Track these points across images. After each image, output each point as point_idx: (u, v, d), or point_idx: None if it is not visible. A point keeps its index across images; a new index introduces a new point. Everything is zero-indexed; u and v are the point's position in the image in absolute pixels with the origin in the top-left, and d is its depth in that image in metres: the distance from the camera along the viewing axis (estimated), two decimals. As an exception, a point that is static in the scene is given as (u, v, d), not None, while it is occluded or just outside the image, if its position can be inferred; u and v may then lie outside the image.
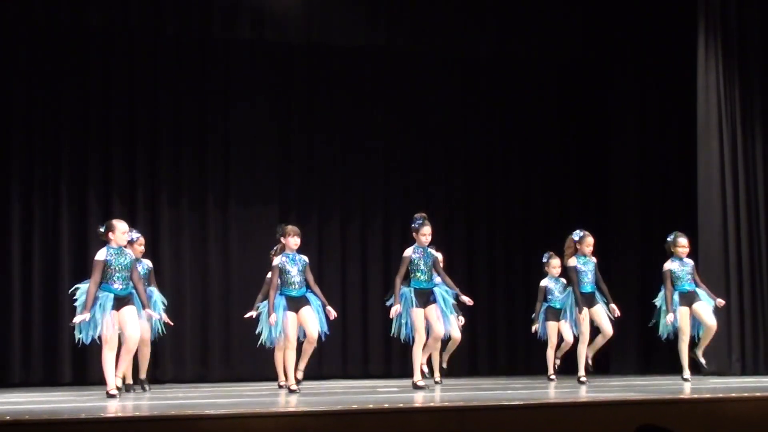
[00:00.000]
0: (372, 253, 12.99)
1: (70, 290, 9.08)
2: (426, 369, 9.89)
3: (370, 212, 13.11)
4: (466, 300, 9.73)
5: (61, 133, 11.80)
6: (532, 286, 11.30)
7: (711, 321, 10.17)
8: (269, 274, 9.72)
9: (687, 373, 10.18)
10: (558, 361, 10.91)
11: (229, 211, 12.47)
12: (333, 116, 12.95)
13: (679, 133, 12.87)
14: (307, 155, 12.87)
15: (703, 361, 10.33)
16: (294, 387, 8.98)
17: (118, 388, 8.67)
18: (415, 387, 9.33)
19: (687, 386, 9.53)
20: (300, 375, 9.35)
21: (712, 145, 11.80)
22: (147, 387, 9.87)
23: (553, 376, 10.72)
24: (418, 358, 9.49)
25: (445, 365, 10.79)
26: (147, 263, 9.90)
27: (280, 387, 9.93)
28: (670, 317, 10.13)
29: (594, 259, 10.32)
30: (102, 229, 8.86)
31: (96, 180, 11.89)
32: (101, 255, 8.68)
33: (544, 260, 10.93)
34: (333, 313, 9.24)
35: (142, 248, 9.85)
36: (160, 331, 9.76)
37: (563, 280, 10.76)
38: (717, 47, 11.83)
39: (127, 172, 12.06)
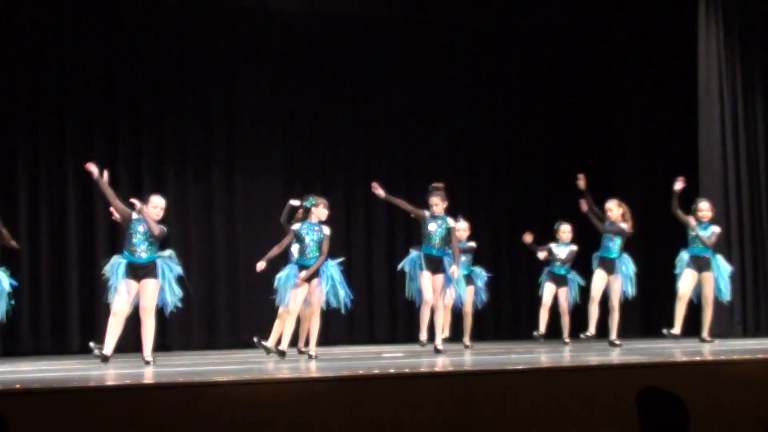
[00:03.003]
0: (376, 220, 12.97)
1: (104, 270, 8.95)
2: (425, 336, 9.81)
3: (374, 180, 13.06)
4: (454, 270, 9.65)
5: (66, 105, 11.75)
6: (534, 254, 11.31)
7: (710, 294, 10.31)
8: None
9: (677, 330, 10.25)
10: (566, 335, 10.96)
11: (234, 181, 12.44)
12: (336, 85, 12.89)
13: (681, 98, 12.81)
14: (311, 124, 12.83)
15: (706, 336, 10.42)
16: (283, 349, 8.95)
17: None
18: (437, 351, 9.37)
19: (681, 347, 9.54)
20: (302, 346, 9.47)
21: (713, 109, 11.77)
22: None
23: (537, 333, 10.73)
24: (425, 319, 9.51)
25: (468, 342, 10.85)
26: None
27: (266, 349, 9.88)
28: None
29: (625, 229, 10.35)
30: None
31: (101, 151, 11.82)
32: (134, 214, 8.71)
33: (555, 227, 10.93)
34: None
35: None
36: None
37: (574, 248, 10.79)
38: (717, 13, 11.77)
39: (131, 144, 12.02)
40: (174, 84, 12.22)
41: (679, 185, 10.30)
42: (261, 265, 9.13)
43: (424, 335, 9.53)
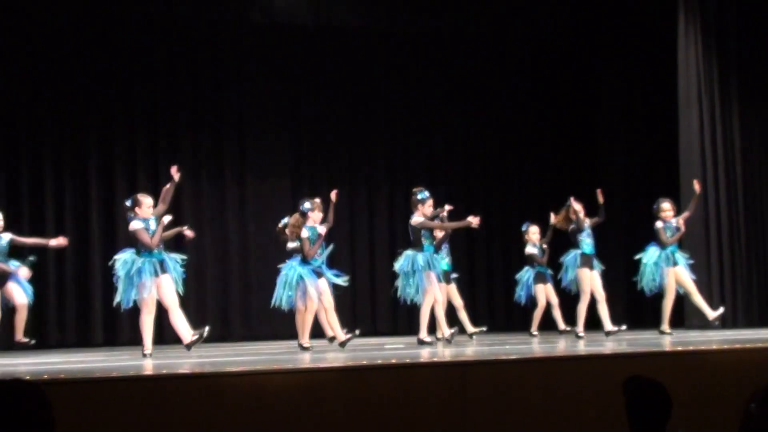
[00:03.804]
0: (378, 220, 12.99)
1: (110, 262, 8.90)
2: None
3: (376, 183, 13.09)
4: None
5: (89, 114, 11.80)
6: (523, 252, 11.36)
7: (689, 283, 10.31)
8: (290, 244, 9.73)
9: (666, 327, 10.24)
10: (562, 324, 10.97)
11: (246, 183, 12.46)
12: (339, 94, 12.92)
13: (662, 104, 12.81)
14: (316, 130, 12.85)
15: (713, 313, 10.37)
16: (307, 344, 9.01)
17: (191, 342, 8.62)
18: (421, 342, 9.34)
19: (667, 339, 9.54)
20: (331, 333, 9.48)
21: (693, 114, 11.77)
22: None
23: (535, 333, 10.81)
24: (426, 317, 9.48)
25: (472, 335, 10.82)
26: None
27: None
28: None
29: (587, 222, 10.28)
30: (128, 203, 8.77)
31: (122, 157, 11.88)
32: (139, 224, 8.53)
33: (523, 229, 10.98)
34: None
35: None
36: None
37: (544, 246, 10.92)
38: (696, 25, 11.79)
39: (150, 149, 12.05)
40: (189, 94, 12.25)
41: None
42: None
43: (447, 331, 9.50)
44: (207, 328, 8.70)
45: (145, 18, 11.98)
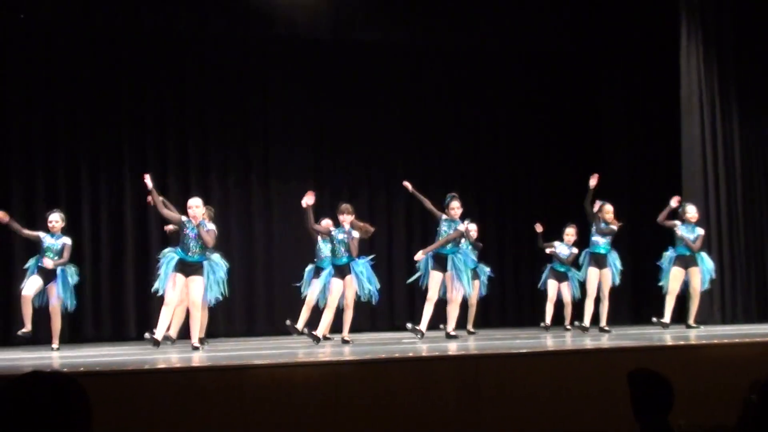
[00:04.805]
0: (395, 220, 12.97)
1: (159, 256, 9.03)
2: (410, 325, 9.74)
3: (393, 185, 13.05)
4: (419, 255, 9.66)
5: (123, 124, 11.83)
6: (535, 250, 11.31)
7: (697, 287, 10.29)
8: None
9: (667, 319, 10.22)
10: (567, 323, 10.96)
11: (270, 187, 12.47)
12: (358, 103, 12.89)
13: (665, 111, 12.75)
14: (337, 138, 12.83)
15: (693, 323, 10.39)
16: (328, 336, 9.05)
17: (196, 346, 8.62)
18: (449, 336, 9.38)
19: (670, 333, 9.48)
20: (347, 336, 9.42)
21: (694, 121, 11.72)
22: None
23: (543, 325, 10.80)
24: (428, 314, 9.49)
25: (471, 329, 10.86)
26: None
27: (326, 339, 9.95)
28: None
29: (614, 227, 10.25)
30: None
31: (154, 163, 11.90)
32: (184, 217, 8.66)
33: (564, 228, 10.96)
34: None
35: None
36: (222, 294, 9.64)
37: (575, 250, 10.83)
38: (697, 36, 11.74)
39: (180, 155, 12.08)
40: (217, 103, 12.26)
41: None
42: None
43: (424, 326, 9.49)
44: (200, 350, 8.62)
45: (177, 34, 12.01)
